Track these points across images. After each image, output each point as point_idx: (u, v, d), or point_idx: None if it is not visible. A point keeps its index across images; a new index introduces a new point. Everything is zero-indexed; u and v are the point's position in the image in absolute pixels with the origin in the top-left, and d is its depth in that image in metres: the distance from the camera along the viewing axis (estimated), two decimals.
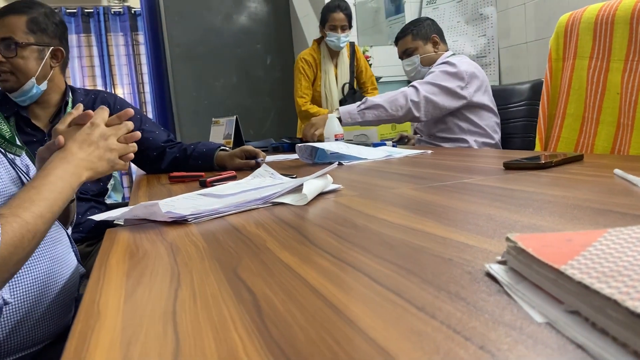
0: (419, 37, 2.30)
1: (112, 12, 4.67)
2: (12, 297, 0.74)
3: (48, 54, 1.47)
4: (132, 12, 4.73)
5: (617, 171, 0.80)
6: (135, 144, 0.92)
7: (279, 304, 0.38)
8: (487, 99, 2.16)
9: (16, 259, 0.66)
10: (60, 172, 0.78)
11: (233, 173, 1.30)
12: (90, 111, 0.90)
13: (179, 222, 0.74)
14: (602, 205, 0.61)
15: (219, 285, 0.44)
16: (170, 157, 1.65)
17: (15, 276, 0.74)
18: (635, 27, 1.32)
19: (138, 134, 0.92)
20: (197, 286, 0.44)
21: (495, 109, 2.19)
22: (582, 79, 1.49)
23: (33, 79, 1.44)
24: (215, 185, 1.11)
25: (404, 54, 2.35)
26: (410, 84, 2.14)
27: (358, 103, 2.14)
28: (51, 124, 1.52)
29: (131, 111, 0.93)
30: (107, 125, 0.89)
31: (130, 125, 0.92)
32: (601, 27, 1.42)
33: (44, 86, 1.48)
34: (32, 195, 0.72)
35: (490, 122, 2.17)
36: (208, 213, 0.76)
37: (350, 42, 3.13)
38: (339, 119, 2.09)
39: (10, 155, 0.87)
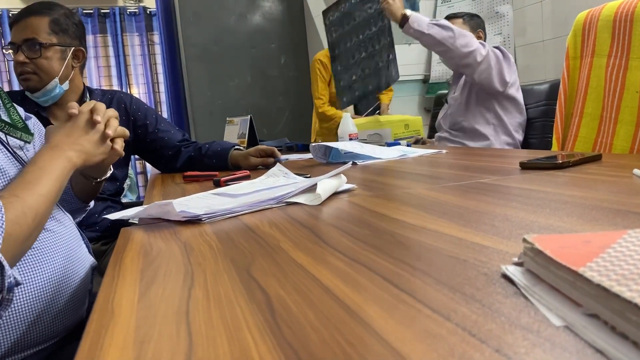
0: (468, 25, 2.31)
1: (128, 13, 4.71)
2: (28, 293, 0.75)
3: (70, 54, 1.50)
4: (148, 12, 4.77)
5: (636, 171, 0.78)
6: (126, 130, 0.95)
7: (292, 304, 0.38)
8: (520, 96, 2.17)
9: (22, 236, 0.67)
10: (48, 157, 0.80)
11: (247, 172, 1.30)
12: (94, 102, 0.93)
13: (193, 221, 0.74)
14: (621, 205, 0.60)
15: (232, 285, 0.44)
16: (185, 156, 1.66)
17: (32, 271, 0.76)
18: None
19: (126, 132, 0.95)
20: (211, 286, 0.44)
21: (524, 107, 2.19)
22: (600, 77, 1.46)
23: (56, 79, 1.47)
24: (229, 184, 1.12)
25: None
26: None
27: (432, 19, 2.13)
28: None
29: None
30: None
31: (112, 112, 0.94)
32: (620, 24, 1.40)
33: (66, 86, 1.51)
34: (29, 178, 0.74)
35: (514, 120, 2.17)
36: (222, 212, 0.76)
37: None
38: (406, 20, 2.07)
39: (16, 141, 0.88)
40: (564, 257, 0.33)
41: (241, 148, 1.63)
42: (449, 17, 2.37)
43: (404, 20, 2.11)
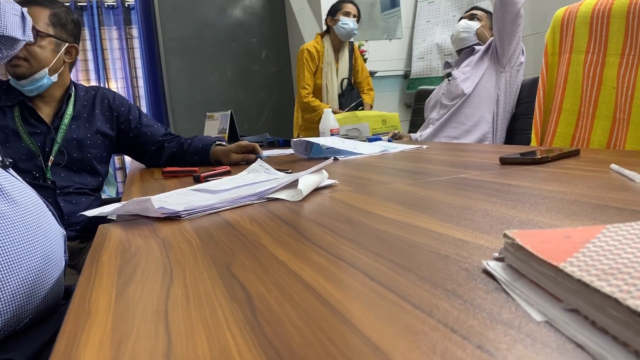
0: (489, 18, 2.42)
1: (106, 6, 4.63)
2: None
3: (64, 49, 1.51)
4: (126, 5, 4.69)
5: (613, 166, 0.80)
6: None
7: (273, 301, 0.37)
8: (518, 85, 2.27)
9: None
10: None
11: (227, 168, 1.29)
12: None
13: (172, 218, 0.73)
14: (599, 200, 0.60)
15: (212, 283, 0.43)
16: (168, 152, 1.67)
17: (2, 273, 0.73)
18: (632, 21, 1.31)
19: None
20: (190, 284, 0.43)
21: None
22: (578, 73, 1.48)
23: (46, 70, 1.47)
24: (209, 180, 1.10)
25: (470, 17, 2.45)
26: None
27: None
28: (55, 117, 1.53)
29: None
30: None
31: None
32: (597, 21, 1.41)
33: (55, 78, 1.51)
34: None
35: (505, 116, 2.22)
36: (201, 209, 0.75)
37: (349, 41, 3.17)
38: None
39: None
40: (544, 253, 0.33)
41: (223, 143, 1.62)
42: (476, 7, 2.50)
43: None
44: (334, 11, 3.07)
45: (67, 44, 1.52)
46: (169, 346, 0.32)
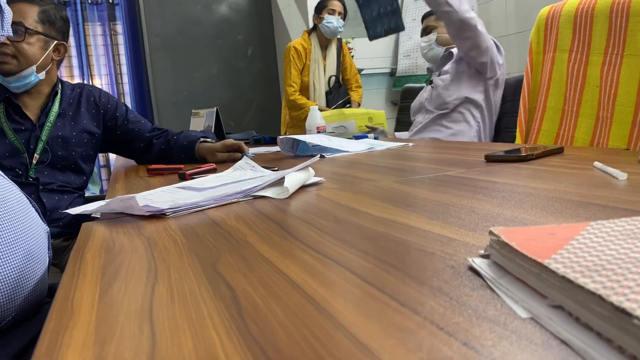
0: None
1: (90, 2, 4.57)
2: None
3: (52, 46, 1.50)
4: (110, 1, 4.63)
5: (596, 164, 0.80)
6: None
7: (259, 300, 0.37)
8: (502, 86, 2.25)
9: None
10: None
11: (213, 166, 1.28)
12: None
13: (157, 216, 0.73)
14: (583, 197, 0.61)
15: (197, 281, 0.43)
16: (157, 148, 1.66)
17: None
18: (615, 20, 1.33)
19: None
20: (175, 282, 0.43)
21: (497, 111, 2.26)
22: (563, 72, 1.50)
23: (34, 67, 1.45)
24: (195, 178, 1.10)
25: (424, 32, 2.43)
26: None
27: None
28: (41, 113, 1.51)
29: None
30: None
31: None
32: (581, 20, 1.43)
33: (42, 76, 1.49)
34: None
35: (495, 107, 2.23)
36: (187, 207, 0.74)
37: (337, 38, 3.16)
38: None
39: None
40: (529, 250, 0.34)
41: (208, 139, 1.61)
42: (424, 17, 2.44)
43: None
44: (319, 9, 3.06)
45: (56, 42, 1.51)
46: (154, 346, 0.32)
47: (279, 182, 0.83)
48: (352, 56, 3.58)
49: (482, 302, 0.33)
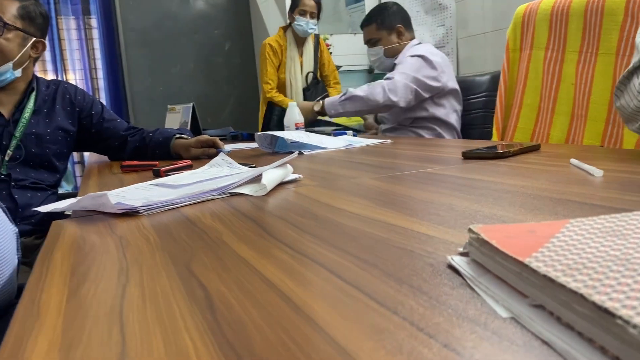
0: (383, 27, 2.28)
1: None
2: None
3: (30, 43, 1.45)
4: None
5: (573, 161, 0.81)
6: None
7: (234, 301, 0.36)
8: (455, 84, 2.20)
9: None
10: None
11: (189, 162, 1.26)
12: None
13: (130, 214, 0.71)
14: (560, 194, 0.61)
15: (170, 282, 0.41)
16: (132, 146, 1.63)
17: None
18: (589, 19, 1.34)
19: None
20: (147, 283, 0.42)
21: (460, 95, 2.23)
22: (539, 69, 1.51)
23: (10, 64, 1.41)
24: (169, 174, 1.08)
25: (369, 43, 2.35)
26: (386, 76, 2.15)
27: (340, 95, 2.17)
28: (15, 110, 1.47)
29: None
30: None
31: None
32: (557, 18, 1.44)
33: (18, 73, 1.45)
34: None
35: (452, 107, 2.20)
36: (161, 204, 0.72)
37: (315, 34, 3.14)
38: (323, 110, 2.16)
39: None
40: (509, 248, 0.33)
41: (184, 135, 1.58)
42: (362, 25, 2.36)
43: (320, 112, 2.21)
44: (292, 7, 3.03)
45: (34, 39, 1.46)
46: (123, 350, 0.30)
47: (257, 179, 0.82)
48: (331, 53, 3.57)
49: (462, 302, 0.33)
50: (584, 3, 1.36)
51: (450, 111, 2.20)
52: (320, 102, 2.23)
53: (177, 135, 1.57)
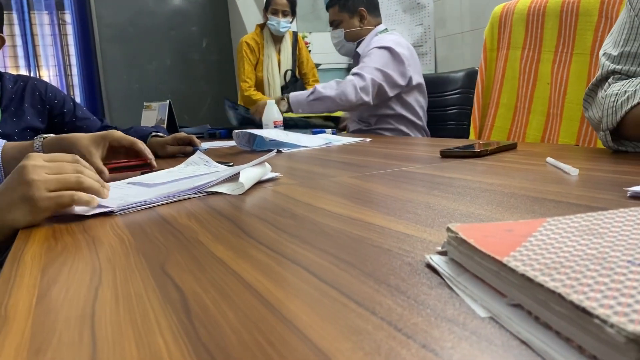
0: (345, 10, 2.22)
1: None
2: None
3: None
4: None
5: (549, 159, 0.82)
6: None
7: (210, 302, 0.35)
8: (420, 78, 2.18)
9: None
10: None
11: (144, 161, 1.12)
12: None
13: (104, 212, 0.69)
14: (537, 193, 0.62)
15: (144, 283, 0.40)
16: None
17: None
18: (565, 19, 1.36)
19: None
20: (120, 284, 0.41)
21: (425, 89, 2.21)
22: (515, 69, 1.52)
23: None
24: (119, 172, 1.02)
25: (332, 24, 2.28)
26: (353, 71, 2.11)
27: (307, 93, 2.10)
28: None
29: None
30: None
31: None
32: (533, 18, 1.46)
33: None
34: None
35: (418, 103, 2.18)
36: (136, 204, 0.71)
37: (293, 32, 3.13)
38: (289, 108, 2.09)
39: None
40: (488, 247, 0.33)
41: (160, 133, 1.56)
42: (327, 7, 2.30)
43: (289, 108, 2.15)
44: (266, 5, 3.00)
45: None
46: (94, 354, 0.29)
47: (234, 177, 0.81)
48: (310, 51, 3.56)
49: (441, 301, 0.32)
50: (560, 3, 1.37)
51: (416, 107, 2.17)
52: (285, 100, 2.15)
53: (154, 134, 1.54)
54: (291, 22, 3.02)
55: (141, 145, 1.11)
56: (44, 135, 1.06)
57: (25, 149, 1.01)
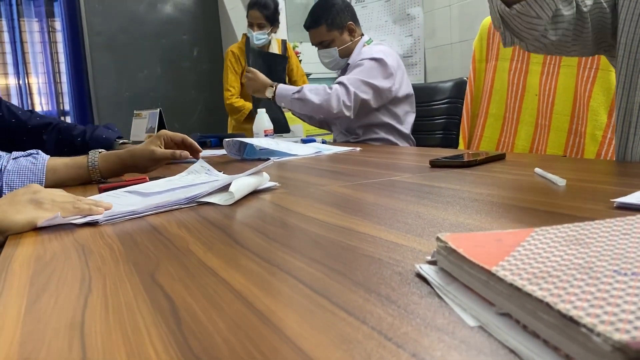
0: (334, 27, 2.17)
1: None
2: None
3: None
4: None
5: (537, 170, 0.83)
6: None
7: (200, 312, 0.35)
8: (409, 88, 2.16)
9: None
10: None
11: (142, 180, 1.03)
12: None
13: (90, 222, 0.69)
14: (526, 203, 0.62)
15: (134, 292, 0.40)
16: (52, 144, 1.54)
17: None
18: None
19: None
20: (110, 293, 0.40)
21: (414, 99, 2.20)
22: (504, 80, 1.54)
23: None
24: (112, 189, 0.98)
25: (320, 45, 2.22)
26: (341, 80, 2.08)
27: (294, 89, 2.04)
28: None
29: None
30: None
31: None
32: None
33: None
34: None
35: (405, 113, 2.16)
36: (122, 215, 0.70)
37: (282, 40, 3.13)
38: (274, 94, 2.06)
39: None
40: (477, 256, 0.33)
41: (127, 141, 1.53)
42: (309, 27, 2.23)
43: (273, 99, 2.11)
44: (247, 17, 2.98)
45: None
46: None
47: (226, 187, 0.80)
48: (300, 60, 3.57)
49: (431, 311, 0.33)
50: None
51: (404, 117, 2.16)
52: (273, 88, 2.09)
53: (120, 142, 1.52)
54: (270, 33, 2.97)
55: (190, 140, 1.26)
56: (99, 150, 1.11)
57: (79, 165, 1.08)
